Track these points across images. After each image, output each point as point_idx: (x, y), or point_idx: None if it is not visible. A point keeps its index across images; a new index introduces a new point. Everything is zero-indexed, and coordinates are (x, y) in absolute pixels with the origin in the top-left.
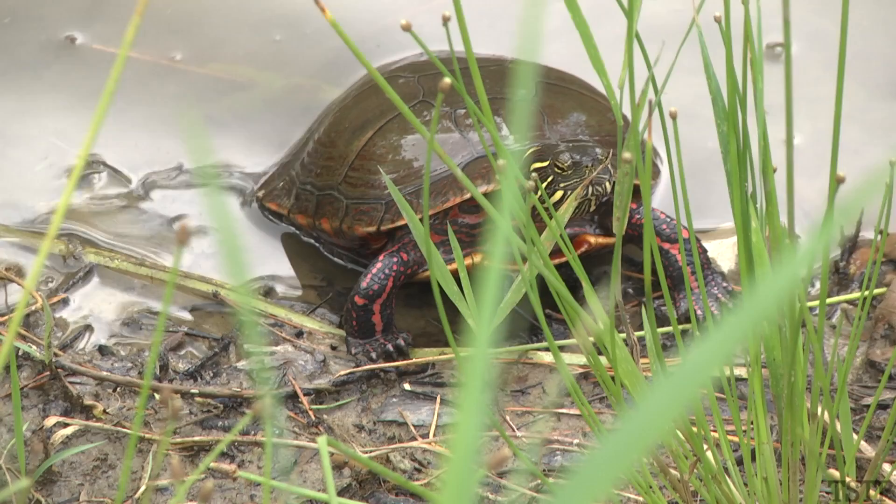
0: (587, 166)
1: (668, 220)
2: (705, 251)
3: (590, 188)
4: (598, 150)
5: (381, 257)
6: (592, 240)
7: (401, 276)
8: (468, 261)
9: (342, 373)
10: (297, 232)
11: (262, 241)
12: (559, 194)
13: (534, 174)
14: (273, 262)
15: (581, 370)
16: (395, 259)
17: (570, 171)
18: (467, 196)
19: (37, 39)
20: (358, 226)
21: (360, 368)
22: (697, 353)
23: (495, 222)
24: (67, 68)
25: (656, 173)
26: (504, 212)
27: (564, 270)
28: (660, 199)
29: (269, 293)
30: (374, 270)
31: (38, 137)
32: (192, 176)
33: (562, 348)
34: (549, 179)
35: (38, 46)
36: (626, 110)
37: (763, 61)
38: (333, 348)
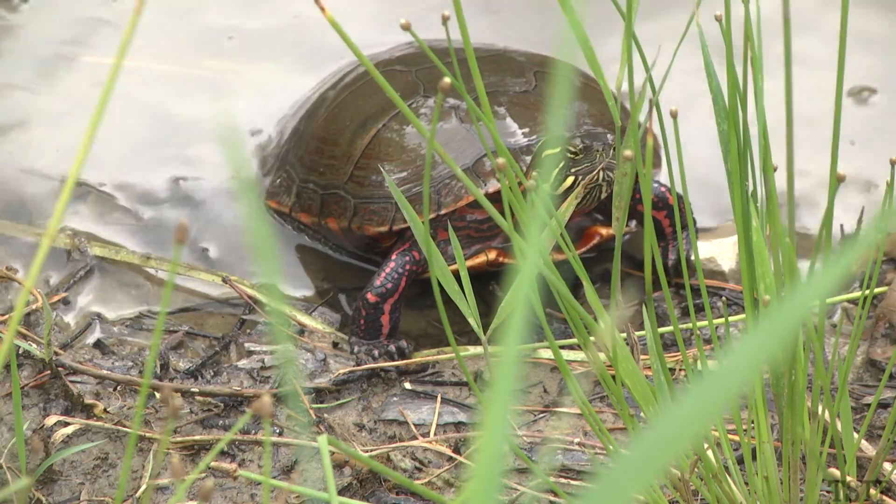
0: (598, 150)
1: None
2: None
3: (601, 173)
4: (609, 136)
5: (393, 256)
6: (604, 231)
7: (413, 275)
8: (482, 258)
9: (342, 371)
10: (298, 230)
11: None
12: (570, 180)
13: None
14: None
15: (582, 369)
16: (407, 258)
17: (581, 156)
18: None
19: (44, 44)
20: (368, 226)
21: (360, 367)
22: (718, 371)
23: (519, 221)
24: (71, 71)
25: (657, 161)
26: (532, 213)
27: (566, 268)
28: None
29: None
30: (387, 270)
31: (40, 133)
32: (205, 173)
33: (562, 347)
34: (561, 165)
35: (44, 50)
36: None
37: (848, 104)
38: (335, 345)
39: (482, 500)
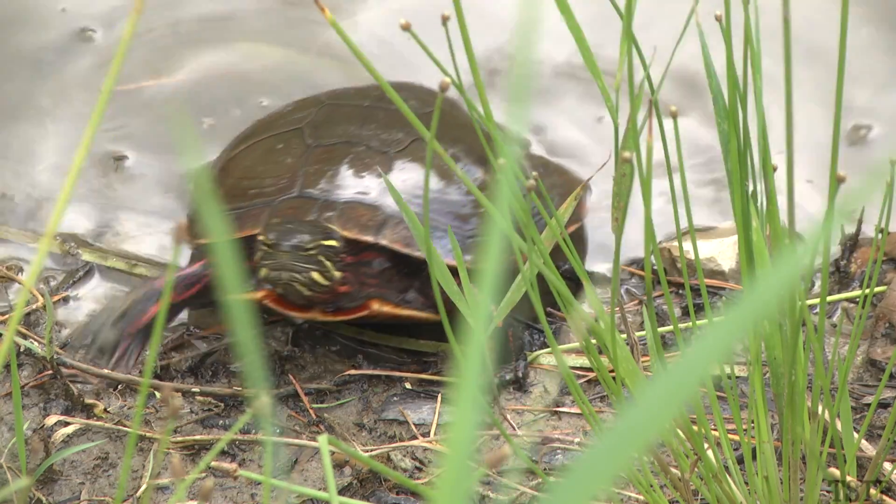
0: (284, 251)
1: None
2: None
3: (284, 273)
4: (306, 237)
5: (196, 263)
6: (376, 306)
7: (206, 289)
8: (256, 294)
9: (347, 372)
10: None
11: None
12: (264, 271)
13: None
14: None
15: (584, 373)
16: (208, 270)
17: (271, 251)
18: (255, 231)
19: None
20: (190, 237)
21: (98, 372)
22: (695, 349)
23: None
24: (71, 70)
25: (578, 216)
26: (498, 213)
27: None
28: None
29: None
30: (186, 271)
31: (39, 136)
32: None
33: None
34: (260, 252)
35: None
36: (623, 112)
37: (845, 145)
38: (335, 348)
39: (453, 486)
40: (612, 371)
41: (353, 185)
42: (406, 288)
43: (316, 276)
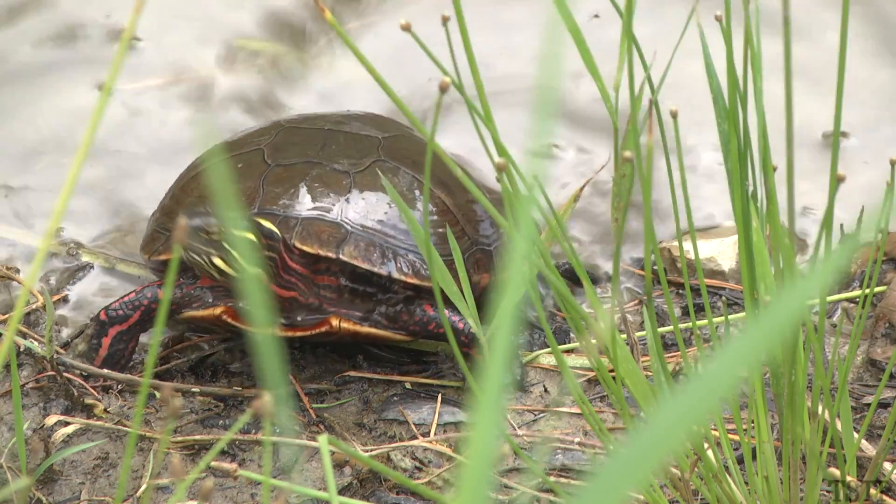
0: (202, 233)
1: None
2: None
3: (184, 253)
4: (212, 220)
5: (139, 287)
6: (335, 323)
7: (150, 313)
8: (215, 310)
9: (347, 373)
10: None
11: None
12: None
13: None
14: None
15: (584, 373)
16: (148, 293)
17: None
18: None
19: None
20: (143, 252)
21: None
22: (712, 368)
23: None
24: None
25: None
26: (521, 231)
27: (567, 268)
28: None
29: None
30: (126, 298)
31: (39, 134)
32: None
33: (563, 351)
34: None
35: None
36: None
37: (820, 147)
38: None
39: (473, 495)
40: (612, 371)
41: (313, 202)
42: (372, 307)
43: (218, 261)
